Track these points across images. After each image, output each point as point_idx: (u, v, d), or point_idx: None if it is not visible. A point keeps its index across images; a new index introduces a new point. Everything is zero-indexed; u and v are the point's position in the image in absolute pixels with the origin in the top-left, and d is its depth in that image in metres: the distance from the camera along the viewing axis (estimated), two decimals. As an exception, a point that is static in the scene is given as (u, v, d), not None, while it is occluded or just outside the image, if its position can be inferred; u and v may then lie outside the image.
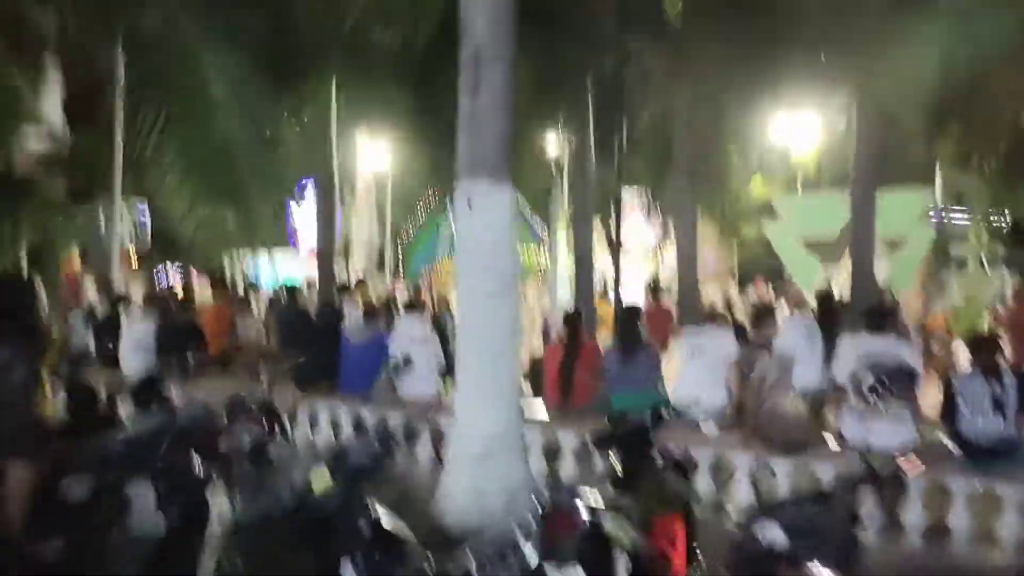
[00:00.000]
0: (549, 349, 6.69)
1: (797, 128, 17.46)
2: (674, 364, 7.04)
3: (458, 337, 4.54)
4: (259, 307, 11.78)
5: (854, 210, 8.26)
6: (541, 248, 23.20)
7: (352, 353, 7.33)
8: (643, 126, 10.50)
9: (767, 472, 5.68)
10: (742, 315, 9.95)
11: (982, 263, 16.84)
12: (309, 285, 12.96)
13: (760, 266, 21.68)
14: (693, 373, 5.98)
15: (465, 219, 4.40)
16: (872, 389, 2.49)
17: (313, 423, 7.40)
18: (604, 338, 10.75)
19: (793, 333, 6.18)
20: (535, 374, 10.34)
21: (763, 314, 6.07)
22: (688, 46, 8.75)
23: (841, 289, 13.55)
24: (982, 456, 4.78)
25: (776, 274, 20.84)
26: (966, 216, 17.02)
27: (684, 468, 4.83)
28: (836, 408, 5.44)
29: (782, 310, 9.72)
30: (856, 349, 5.31)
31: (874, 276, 8.45)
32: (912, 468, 2.36)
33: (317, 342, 7.70)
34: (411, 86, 11.43)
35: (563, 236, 21.77)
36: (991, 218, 16.76)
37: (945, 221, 16.22)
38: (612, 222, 14.49)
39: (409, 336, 7.24)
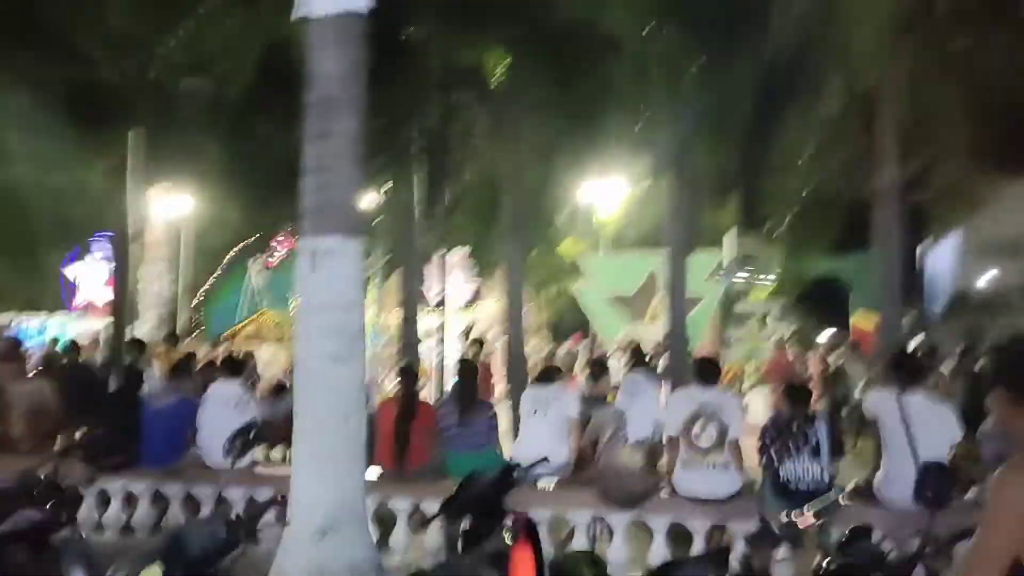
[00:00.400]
0: (380, 407, 6.36)
1: (603, 192, 18.50)
2: (503, 420, 6.97)
3: (297, 402, 4.16)
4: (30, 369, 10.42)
5: (669, 271, 8.75)
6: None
7: (155, 420, 6.56)
8: (465, 186, 10.63)
9: (605, 527, 5.73)
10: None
11: (762, 319, 18.59)
12: (93, 343, 11.69)
13: (570, 322, 22.59)
14: (535, 430, 5.90)
15: (309, 276, 4.08)
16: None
17: (106, 504, 6.54)
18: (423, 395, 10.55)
19: (625, 387, 6.32)
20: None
21: (600, 369, 6.18)
22: (509, 110, 9.03)
23: (644, 343, 14.33)
24: (800, 500, 5.06)
25: (584, 329, 21.76)
26: (749, 276, 18.79)
27: (534, 529, 4.73)
28: (669, 459, 5.59)
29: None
30: (688, 401, 5.51)
31: (685, 331, 8.95)
32: (805, 523, 2.39)
33: (113, 408, 6.85)
34: (221, 135, 10.87)
35: (373, 293, 21.44)
36: (772, 277, 18.68)
37: (733, 280, 17.74)
38: (433, 280, 14.51)
39: (224, 399, 6.62)
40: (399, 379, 6.34)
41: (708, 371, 5.65)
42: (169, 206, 21.92)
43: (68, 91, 9.33)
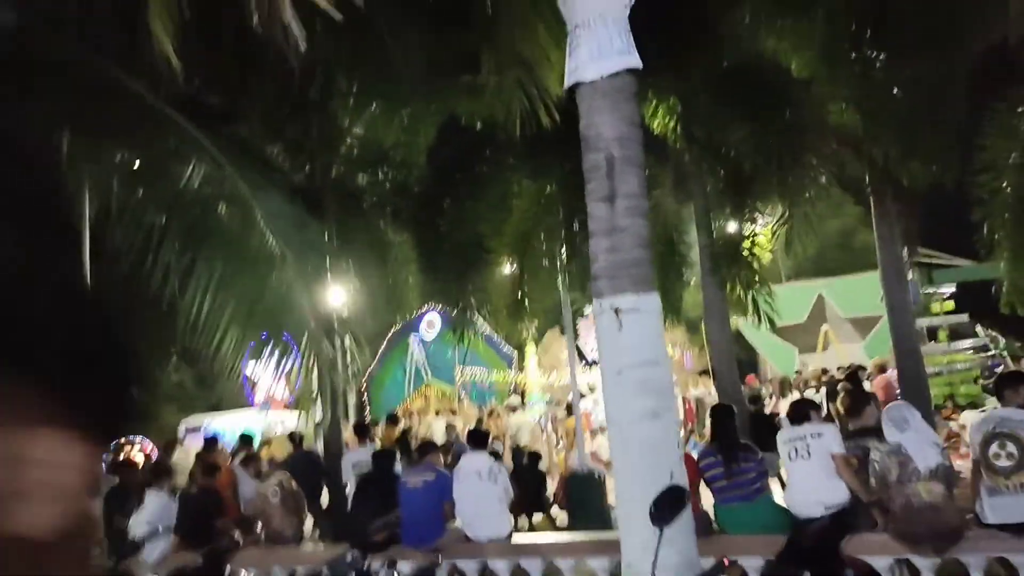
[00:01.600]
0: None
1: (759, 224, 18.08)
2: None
3: (617, 465, 4.06)
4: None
5: (888, 295, 8.26)
6: (510, 368, 22.81)
7: (413, 498, 6.64)
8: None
9: (906, 570, 5.28)
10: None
11: (947, 334, 17.36)
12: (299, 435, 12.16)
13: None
14: (804, 474, 5.48)
15: (611, 336, 4.02)
16: None
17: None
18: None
19: (891, 417, 5.85)
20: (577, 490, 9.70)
21: (859, 402, 5.79)
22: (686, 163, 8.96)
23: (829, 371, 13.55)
24: None
25: (749, 367, 20.93)
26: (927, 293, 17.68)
27: (876, 577, 4.40)
28: (970, 489, 5.13)
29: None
30: (986, 421, 5.07)
31: (918, 352, 8.37)
32: None
33: (372, 490, 7.01)
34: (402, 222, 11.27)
35: (531, 353, 21.52)
36: (949, 289, 17.51)
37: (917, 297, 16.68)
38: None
39: (476, 471, 6.65)
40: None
41: (1009, 387, 5.17)
42: (326, 295, 22.97)
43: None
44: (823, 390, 12.56)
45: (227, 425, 22.87)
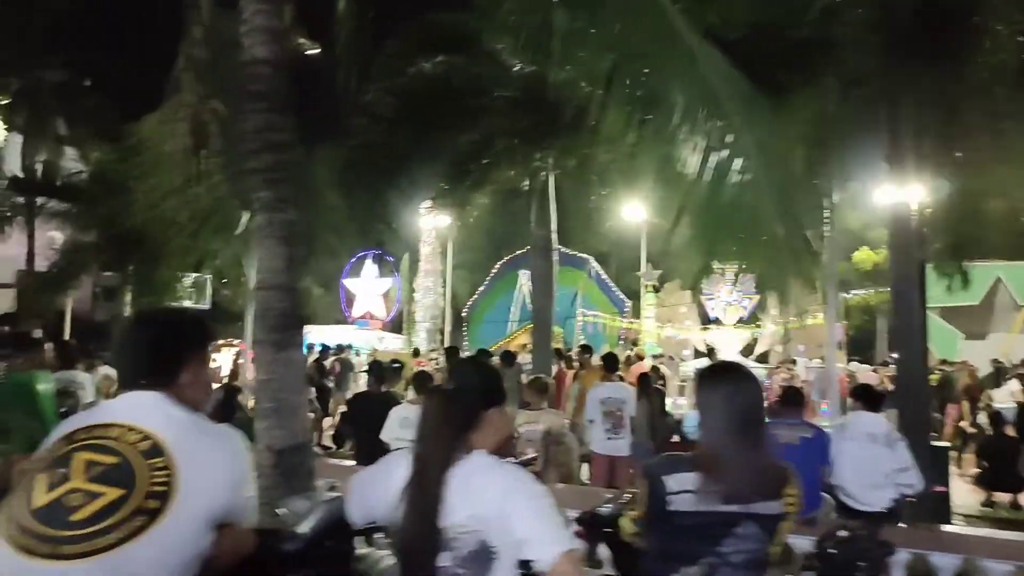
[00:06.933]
0: None
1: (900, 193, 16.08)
2: None
3: None
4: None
5: None
6: (621, 315, 21.26)
7: (787, 459, 5.05)
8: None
9: None
10: None
11: None
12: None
13: (866, 337, 20.06)
14: None
15: None
16: None
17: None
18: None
19: None
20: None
21: None
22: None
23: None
24: None
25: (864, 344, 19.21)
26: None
27: None
28: None
29: None
30: None
31: None
32: None
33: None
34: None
35: (651, 304, 19.84)
36: None
37: None
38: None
39: (869, 433, 5.03)
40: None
41: None
42: (435, 220, 21.37)
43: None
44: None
45: (322, 339, 21.63)
